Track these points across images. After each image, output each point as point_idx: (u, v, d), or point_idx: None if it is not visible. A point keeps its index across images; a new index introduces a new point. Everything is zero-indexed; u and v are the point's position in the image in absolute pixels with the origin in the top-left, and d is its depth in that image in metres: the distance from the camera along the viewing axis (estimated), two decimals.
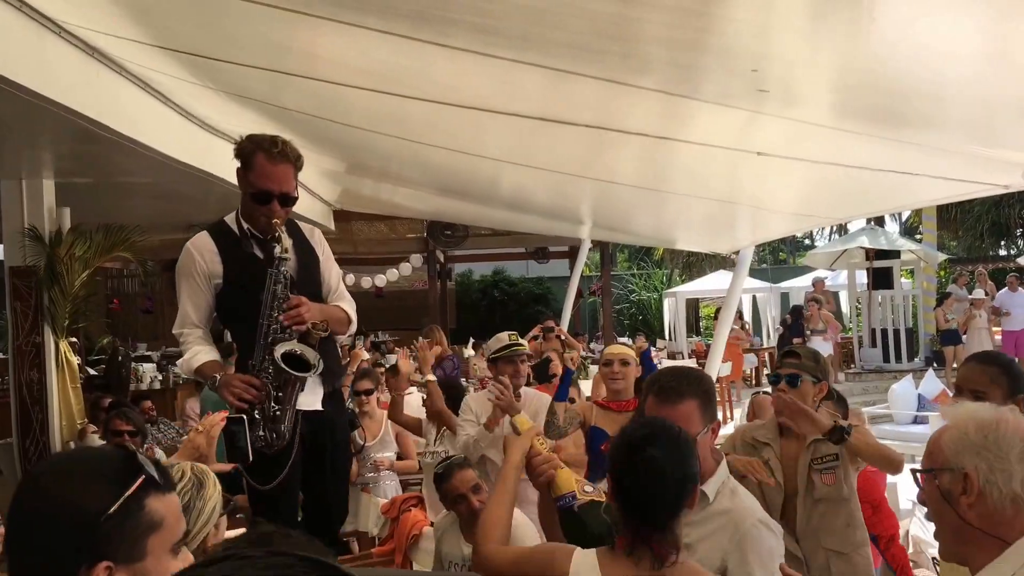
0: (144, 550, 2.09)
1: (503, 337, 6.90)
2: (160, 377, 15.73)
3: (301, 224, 5.36)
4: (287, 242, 5.02)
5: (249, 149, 4.96)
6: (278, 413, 4.93)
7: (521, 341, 6.94)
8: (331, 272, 5.42)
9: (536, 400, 6.82)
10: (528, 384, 7.77)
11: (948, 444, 2.67)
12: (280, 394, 4.95)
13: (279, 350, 4.89)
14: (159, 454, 8.90)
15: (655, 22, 4.37)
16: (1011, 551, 2.56)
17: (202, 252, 5.10)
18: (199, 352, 5.11)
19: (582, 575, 3.14)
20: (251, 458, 4.17)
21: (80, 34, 6.65)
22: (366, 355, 14.83)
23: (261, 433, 4.86)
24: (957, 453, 2.64)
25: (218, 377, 4.98)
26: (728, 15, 4.21)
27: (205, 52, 6.78)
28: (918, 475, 2.79)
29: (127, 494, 2.08)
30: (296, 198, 5.09)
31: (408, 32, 5.07)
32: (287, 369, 4.86)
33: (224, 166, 9.97)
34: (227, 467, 3.95)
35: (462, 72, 5.86)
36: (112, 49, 7.02)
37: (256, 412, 4.88)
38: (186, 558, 2.20)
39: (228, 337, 5.35)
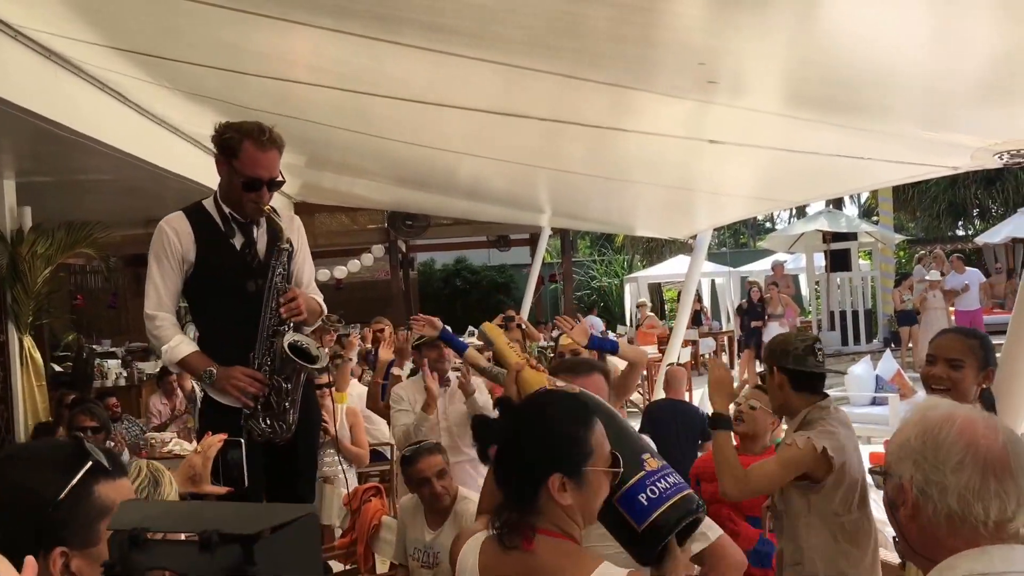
0: (98, 535, 2.14)
1: None
2: (125, 374, 15.71)
3: (281, 212, 5.21)
4: (287, 233, 5.00)
5: (236, 138, 4.86)
6: (287, 406, 4.94)
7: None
8: (305, 264, 5.34)
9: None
10: None
11: (892, 449, 2.44)
12: (288, 386, 4.94)
13: (285, 341, 4.87)
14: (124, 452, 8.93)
15: (602, 18, 4.46)
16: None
17: (177, 231, 4.96)
18: (182, 342, 4.99)
19: (467, 556, 3.00)
20: (247, 482, 4.18)
21: (37, 38, 6.69)
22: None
23: (266, 425, 4.88)
24: (898, 460, 2.39)
25: (214, 371, 4.90)
26: (672, 10, 4.31)
27: (161, 53, 6.83)
28: (874, 475, 2.59)
29: (74, 480, 2.14)
30: (283, 181, 5.04)
31: (362, 31, 5.14)
32: (296, 360, 4.85)
33: (183, 162, 10.05)
34: (221, 490, 3.95)
35: (417, 69, 5.93)
36: (69, 51, 7.06)
37: (260, 405, 4.89)
38: None
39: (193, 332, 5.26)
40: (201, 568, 1.65)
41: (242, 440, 4.16)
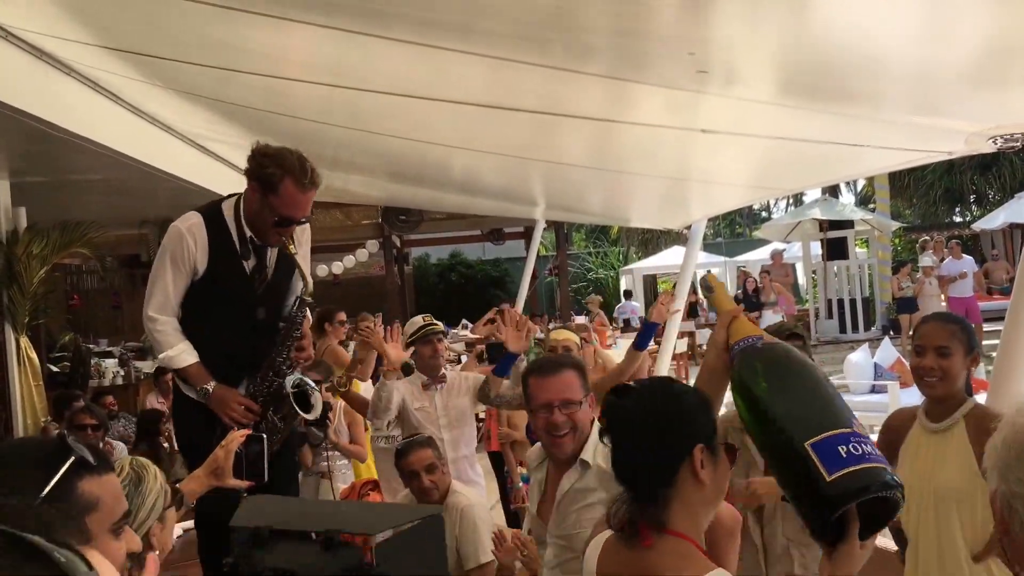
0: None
1: (417, 320, 7.08)
2: (122, 372, 15.74)
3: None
4: (311, 286, 5.07)
5: (277, 175, 4.83)
6: (275, 438, 4.91)
7: (435, 322, 7.06)
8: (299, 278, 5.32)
9: (460, 380, 6.93)
10: (480, 362, 7.88)
11: (986, 454, 2.10)
12: (281, 425, 4.98)
13: (290, 383, 4.94)
14: (119, 448, 8.97)
15: (591, 9, 4.47)
16: None
17: (195, 238, 4.94)
18: (184, 351, 5.00)
19: (591, 552, 2.87)
20: (267, 477, 4.25)
21: (27, 38, 6.69)
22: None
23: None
24: (989, 469, 2.06)
25: (210, 389, 4.93)
26: (661, 1, 4.31)
27: (151, 51, 6.82)
28: None
29: (56, 477, 2.10)
30: (312, 217, 5.10)
31: (351, 26, 5.13)
32: (297, 409, 4.93)
33: (176, 162, 10.05)
34: (243, 484, 4.01)
35: (407, 63, 5.92)
36: (60, 51, 7.06)
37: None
38: (131, 539, 2.25)
39: None
40: (321, 568, 1.63)
41: (263, 435, 4.21)
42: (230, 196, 5.16)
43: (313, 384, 5.15)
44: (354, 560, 1.65)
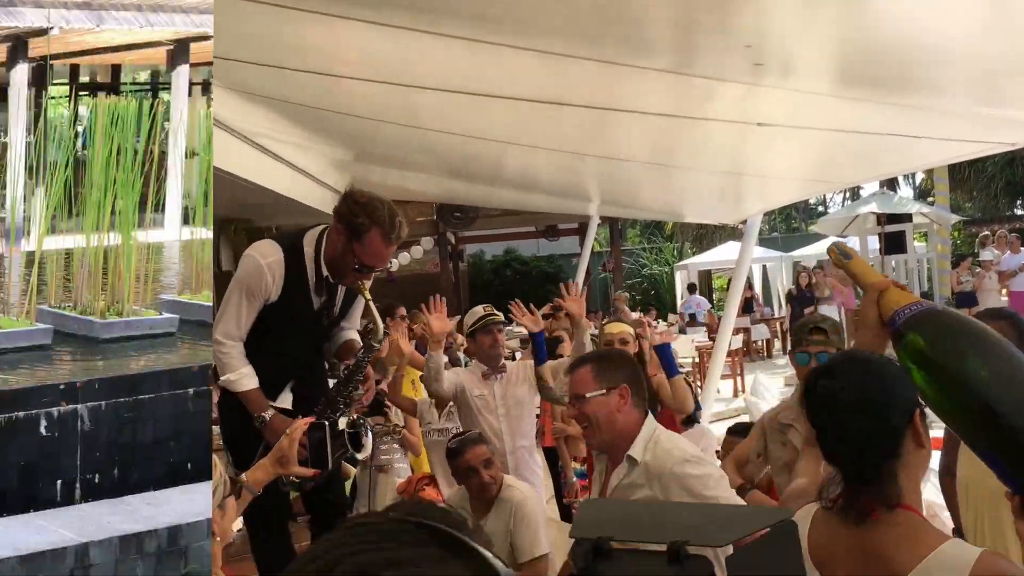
0: None
1: (478, 310, 6.98)
2: None
3: None
4: (382, 331, 5.16)
5: (366, 224, 4.86)
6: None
7: (496, 312, 6.98)
8: (357, 303, 5.44)
9: (520, 368, 6.92)
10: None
11: None
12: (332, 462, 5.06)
13: (344, 422, 4.96)
14: None
15: (648, 3, 4.45)
16: None
17: (273, 274, 5.03)
18: (246, 375, 5.09)
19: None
20: (331, 466, 4.31)
21: None
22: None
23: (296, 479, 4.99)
24: None
25: (267, 417, 5.00)
26: None
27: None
28: None
29: None
30: (389, 268, 5.20)
31: (405, 23, 5.13)
32: (350, 447, 4.93)
33: (230, 160, 10.12)
34: (308, 472, 4.09)
35: (461, 59, 5.92)
36: None
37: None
38: None
39: None
40: None
41: (325, 423, 4.27)
42: (313, 227, 5.20)
43: (369, 426, 5.20)
44: (704, 572, 1.60)
